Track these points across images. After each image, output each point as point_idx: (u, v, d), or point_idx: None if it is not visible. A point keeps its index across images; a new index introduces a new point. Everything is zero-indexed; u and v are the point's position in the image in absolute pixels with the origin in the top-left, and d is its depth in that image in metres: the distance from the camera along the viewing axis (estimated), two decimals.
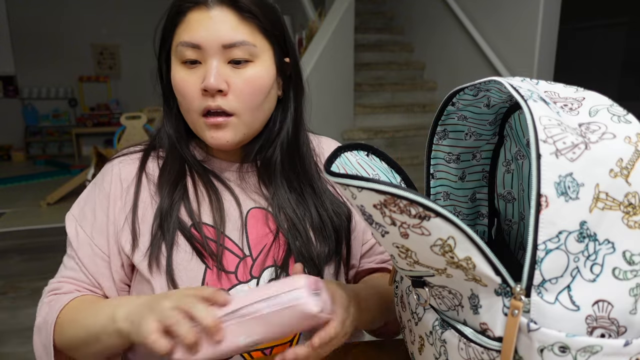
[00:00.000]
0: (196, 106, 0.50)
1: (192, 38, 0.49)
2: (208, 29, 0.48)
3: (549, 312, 0.30)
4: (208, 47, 0.49)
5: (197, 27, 0.49)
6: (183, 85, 0.50)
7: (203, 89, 0.49)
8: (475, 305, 0.34)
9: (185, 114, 0.53)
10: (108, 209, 0.53)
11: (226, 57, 0.50)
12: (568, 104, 0.36)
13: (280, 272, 0.53)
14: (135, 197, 0.53)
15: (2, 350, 1.62)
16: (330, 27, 2.67)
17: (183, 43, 0.49)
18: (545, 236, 0.30)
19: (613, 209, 0.31)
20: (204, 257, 0.51)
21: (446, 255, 0.33)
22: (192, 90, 0.50)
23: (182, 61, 0.50)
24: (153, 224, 0.52)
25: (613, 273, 0.31)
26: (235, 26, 0.49)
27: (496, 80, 0.36)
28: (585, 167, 0.31)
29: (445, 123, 0.45)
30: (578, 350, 0.29)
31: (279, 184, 0.56)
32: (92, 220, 0.54)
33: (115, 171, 0.55)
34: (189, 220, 0.52)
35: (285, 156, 0.56)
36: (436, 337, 0.38)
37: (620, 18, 2.43)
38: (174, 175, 0.54)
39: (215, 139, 0.51)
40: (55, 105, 5.71)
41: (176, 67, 0.51)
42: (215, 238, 0.52)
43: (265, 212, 0.56)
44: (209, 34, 0.48)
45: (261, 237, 0.54)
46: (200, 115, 0.51)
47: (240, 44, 0.49)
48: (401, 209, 0.31)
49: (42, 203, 3.41)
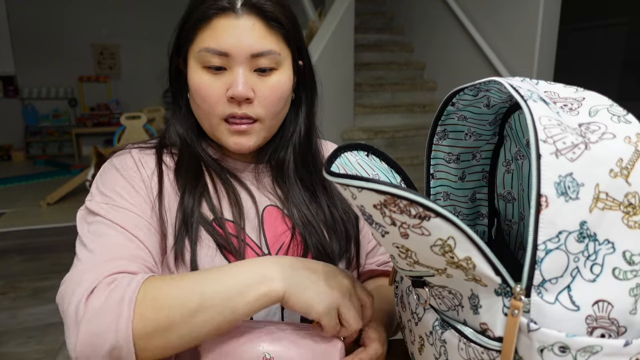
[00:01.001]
0: (219, 111, 0.50)
1: (219, 45, 0.48)
2: (236, 37, 0.48)
3: (549, 312, 0.30)
4: (236, 56, 0.49)
5: (224, 34, 0.48)
6: (206, 90, 0.50)
7: (230, 97, 0.49)
8: (475, 305, 0.34)
9: (203, 117, 0.52)
10: (145, 189, 0.49)
11: (253, 66, 0.50)
12: (568, 104, 0.36)
13: None
14: (160, 185, 0.51)
15: (2, 351, 1.62)
16: (330, 27, 2.67)
17: (209, 49, 0.48)
18: (545, 236, 0.30)
19: (613, 209, 0.31)
20: (227, 253, 0.51)
21: (446, 255, 0.33)
22: (215, 95, 0.50)
23: (205, 66, 0.50)
24: (176, 219, 0.50)
25: (613, 273, 0.31)
26: (263, 35, 0.49)
27: (496, 81, 0.36)
28: (585, 167, 0.31)
29: (445, 123, 0.45)
30: (578, 350, 0.29)
31: (293, 183, 0.57)
32: (134, 193, 0.48)
33: (137, 157, 0.53)
34: (210, 215, 0.52)
35: (298, 156, 0.58)
36: (436, 337, 0.38)
37: (620, 18, 2.43)
38: (193, 172, 0.53)
39: (239, 144, 0.52)
40: (55, 105, 5.71)
41: (197, 71, 0.50)
42: (236, 234, 0.52)
43: (280, 211, 0.56)
44: (237, 42, 0.48)
45: (278, 235, 0.55)
46: (221, 120, 0.51)
47: (268, 53, 0.49)
48: (401, 209, 0.31)
49: (42, 203, 3.41)
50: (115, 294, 0.38)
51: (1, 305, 1.94)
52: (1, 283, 2.15)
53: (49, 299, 1.98)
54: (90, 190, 0.51)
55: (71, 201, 3.45)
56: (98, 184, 0.50)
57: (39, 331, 1.71)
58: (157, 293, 0.39)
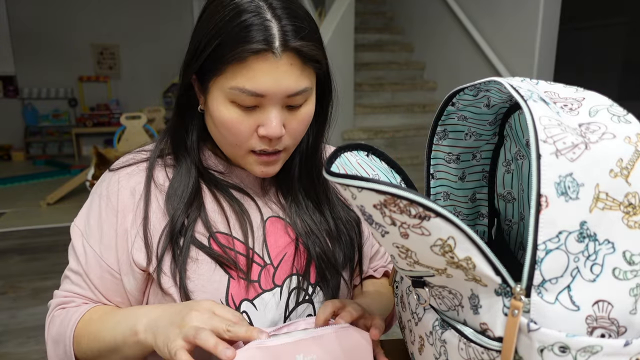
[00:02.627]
0: (249, 145, 0.50)
1: (256, 87, 0.46)
2: (274, 80, 0.46)
3: (549, 312, 0.30)
4: (272, 97, 0.47)
5: (261, 76, 0.45)
6: (237, 126, 0.48)
7: (263, 135, 0.48)
8: (476, 305, 0.34)
9: (229, 147, 0.51)
10: (117, 224, 0.52)
11: (285, 103, 0.48)
12: (568, 104, 0.36)
13: (303, 280, 0.54)
14: (146, 208, 0.51)
15: (2, 350, 1.62)
16: (331, 27, 2.67)
17: (244, 90, 0.46)
18: (545, 236, 0.30)
19: (613, 209, 0.31)
20: (227, 268, 0.51)
21: (446, 255, 0.33)
22: (246, 132, 0.49)
23: (234, 102, 0.48)
24: (162, 238, 0.50)
25: (613, 273, 0.31)
26: (299, 75, 0.47)
27: (496, 81, 0.36)
28: (585, 167, 0.31)
29: (445, 123, 0.45)
30: (578, 350, 0.29)
31: (297, 192, 0.57)
32: (100, 237, 0.52)
33: (123, 184, 0.53)
34: (206, 232, 0.52)
35: (304, 166, 0.57)
36: (436, 337, 0.38)
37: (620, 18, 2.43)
38: (188, 190, 0.53)
39: (265, 172, 0.52)
40: (55, 105, 5.71)
41: (226, 105, 0.48)
42: (233, 246, 0.52)
43: (283, 221, 0.56)
44: (275, 85, 0.46)
45: (281, 247, 0.55)
46: (249, 152, 0.51)
47: (303, 91, 0.48)
48: (401, 209, 0.31)
49: (42, 203, 3.41)
50: (51, 328, 0.53)
51: (1, 305, 1.94)
52: (1, 283, 2.15)
53: (49, 299, 1.97)
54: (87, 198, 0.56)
55: (71, 201, 3.45)
56: (87, 203, 0.55)
57: (39, 331, 1.71)
58: (83, 330, 0.50)
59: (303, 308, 0.54)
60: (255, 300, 0.52)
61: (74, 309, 0.52)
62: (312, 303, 0.55)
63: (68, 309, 0.52)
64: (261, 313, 0.52)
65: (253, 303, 0.52)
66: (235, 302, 0.51)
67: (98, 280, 0.52)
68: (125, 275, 0.51)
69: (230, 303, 0.50)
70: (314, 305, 0.55)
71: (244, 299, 0.51)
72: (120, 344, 0.46)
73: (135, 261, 0.50)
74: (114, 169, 0.55)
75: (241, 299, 0.51)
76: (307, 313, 0.54)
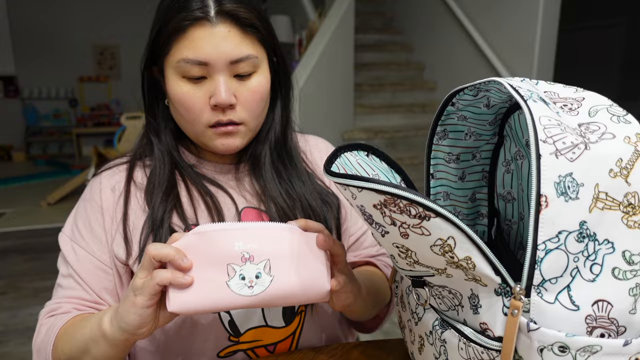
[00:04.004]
0: (204, 120, 0.51)
1: (197, 56, 0.48)
2: (214, 46, 0.48)
3: (549, 312, 0.31)
4: (215, 64, 0.49)
5: (201, 44, 0.48)
6: (189, 100, 0.50)
7: (213, 105, 0.50)
8: (475, 305, 0.34)
9: (188, 126, 0.53)
10: (104, 222, 0.53)
11: (232, 72, 0.50)
12: (568, 104, 0.36)
13: None
14: (125, 204, 0.53)
15: (3, 350, 1.63)
16: (330, 28, 2.67)
17: (187, 60, 0.49)
18: (545, 236, 0.30)
19: (613, 209, 0.31)
20: None
21: (446, 255, 0.33)
22: (199, 104, 0.50)
23: (184, 76, 0.50)
24: (142, 233, 0.51)
25: (613, 273, 0.31)
26: (239, 42, 0.49)
27: (496, 81, 0.36)
28: (585, 167, 0.31)
29: (445, 123, 0.45)
30: (578, 350, 0.29)
31: (269, 178, 0.57)
32: (89, 235, 0.53)
33: (105, 183, 0.55)
34: (182, 224, 0.52)
35: (274, 150, 0.58)
36: (436, 337, 0.38)
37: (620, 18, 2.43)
38: (164, 183, 0.54)
39: (226, 145, 0.53)
40: (55, 106, 5.71)
41: (177, 82, 0.51)
42: None
43: (257, 210, 0.56)
44: (215, 50, 0.48)
45: None
46: (207, 127, 0.52)
47: (246, 58, 0.50)
48: (401, 209, 0.31)
49: (42, 203, 3.41)
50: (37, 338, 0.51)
51: (2, 305, 1.94)
52: (2, 283, 2.16)
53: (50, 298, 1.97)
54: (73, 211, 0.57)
55: (72, 201, 3.45)
56: (73, 211, 0.57)
57: None
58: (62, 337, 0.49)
59: None
60: None
61: (60, 316, 0.51)
62: None
63: (56, 316, 0.52)
64: (239, 310, 0.51)
65: None
66: None
67: (90, 277, 0.52)
68: (116, 271, 0.52)
69: None
70: None
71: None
72: (88, 342, 0.46)
73: (116, 255, 0.52)
74: (97, 174, 0.57)
75: None
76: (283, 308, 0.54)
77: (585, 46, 2.59)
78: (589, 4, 2.55)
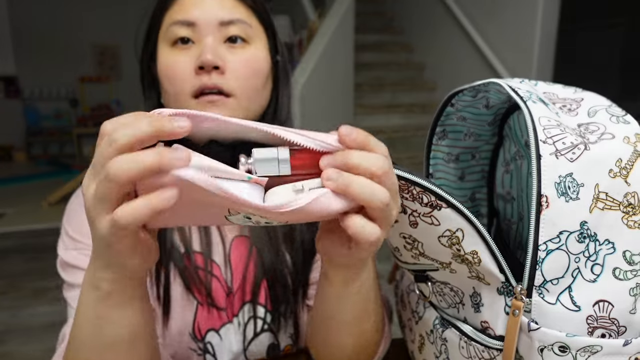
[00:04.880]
0: (188, 88, 0.46)
1: (186, 16, 0.46)
2: (204, 7, 0.46)
3: (550, 312, 0.31)
4: (204, 24, 0.46)
5: (191, 6, 0.46)
6: (173, 67, 0.46)
7: (198, 67, 0.45)
8: (477, 304, 0.35)
9: (173, 101, 0.48)
10: None
11: (222, 36, 0.47)
12: (567, 105, 0.36)
13: (254, 307, 0.49)
14: None
15: (4, 350, 1.63)
16: (331, 28, 2.67)
17: (176, 22, 0.46)
18: (546, 236, 0.30)
19: (613, 209, 0.31)
20: (197, 292, 0.47)
21: (453, 248, 0.33)
22: (183, 70, 0.46)
23: (173, 42, 0.47)
24: None
25: (613, 273, 0.31)
26: (232, 6, 0.47)
27: (495, 82, 0.36)
28: (585, 168, 0.31)
29: (445, 124, 0.45)
30: (578, 350, 0.30)
31: None
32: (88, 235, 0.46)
33: (77, 201, 0.50)
34: (182, 246, 0.48)
35: None
36: (437, 336, 0.38)
37: (619, 18, 2.43)
38: None
39: None
40: (56, 106, 5.71)
41: (165, 52, 0.47)
42: (211, 269, 0.48)
43: (247, 239, 0.51)
44: (205, 11, 0.46)
45: (241, 264, 0.50)
46: (191, 97, 0.46)
47: (237, 21, 0.47)
48: (414, 196, 0.31)
49: (43, 203, 3.41)
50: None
51: (2, 305, 1.94)
52: (3, 283, 2.16)
53: (50, 298, 1.98)
54: (62, 227, 0.49)
55: None
56: (66, 226, 0.49)
57: (40, 331, 1.71)
58: None
59: (265, 337, 0.50)
60: (221, 329, 0.48)
61: None
62: (273, 331, 0.50)
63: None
64: (225, 343, 0.48)
65: (219, 333, 0.48)
66: (202, 332, 0.47)
67: None
68: None
69: (196, 333, 0.47)
70: (276, 335, 0.50)
71: (210, 329, 0.47)
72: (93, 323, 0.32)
73: None
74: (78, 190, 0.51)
75: (207, 328, 0.47)
76: (269, 342, 0.50)
77: (585, 46, 2.59)
78: (589, 4, 2.55)
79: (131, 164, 0.22)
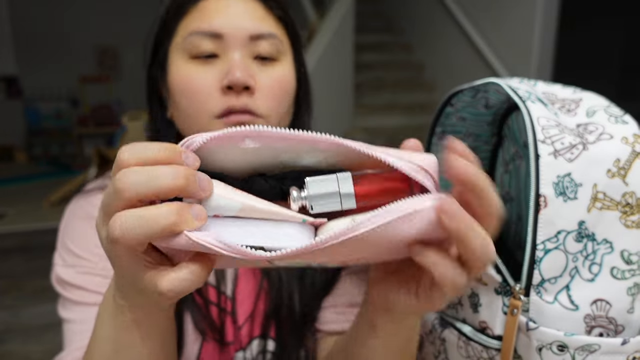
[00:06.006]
0: (211, 108, 0.40)
1: (211, 26, 0.39)
2: (231, 16, 0.39)
3: (548, 311, 0.31)
4: (231, 37, 0.39)
5: (216, 14, 0.39)
6: (195, 82, 0.40)
7: (226, 86, 0.39)
8: (475, 304, 0.35)
9: (191, 121, 0.41)
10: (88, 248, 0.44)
11: (251, 51, 0.40)
12: (566, 105, 0.36)
13: (266, 344, 0.44)
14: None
15: (5, 349, 1.63)
16: (331, 28, 2.68)
17: (198, 32, 0.39)
18: (544, 236, 0.30)
19: (611, 209, 0.31)
20: (203, 326, 0.42)
21: None
22: (206, 88, 0.39)
23: (193, 56, 0.40)
24: None
25: (611, 272, 0.31)
26: (262, 16, 0.41)
27: (494, 82, 0.36)
28: (583, 168, 0.31)
29: (444, 124, 0.45)
30: (576, 349, 0.30)
31: None
32: (88, 250, 0.45)
33: (78, 212, 0.47)
34: None
35: None
36: (436, 336, 0.39)
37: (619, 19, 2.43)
38: None
39: None
40: (57, 106, 5.72)
41: (181, 64, 0.40)
42: (219, 301, 0.43)
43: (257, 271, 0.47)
44: (233, 21, 0.39)
45: (249, 295, 0.46)
46: (214, 118, 0.40)
47: (269, 36, 0.40)
48: None
49: (44, 203, 3.41)
50: None
51: (4, 304, 1.94)
52: (4, 282, 2.16)
53: (51, 298, 1.98)
54: (58, 239, 0.47)
55: None
56: (66, 240, 0.46)
57: (41, 330, 1.72)
58: None
59: None
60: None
61: None
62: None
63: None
64: None
65: None
66: None
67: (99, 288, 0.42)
68: None
69: None
70: None
71: None
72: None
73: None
74: (85, 191, 0.49)
75: None
76: None
77: (584, 46, 2.59)
78: (589, 4, 2.55)
79: (140, 225, 0.19)
